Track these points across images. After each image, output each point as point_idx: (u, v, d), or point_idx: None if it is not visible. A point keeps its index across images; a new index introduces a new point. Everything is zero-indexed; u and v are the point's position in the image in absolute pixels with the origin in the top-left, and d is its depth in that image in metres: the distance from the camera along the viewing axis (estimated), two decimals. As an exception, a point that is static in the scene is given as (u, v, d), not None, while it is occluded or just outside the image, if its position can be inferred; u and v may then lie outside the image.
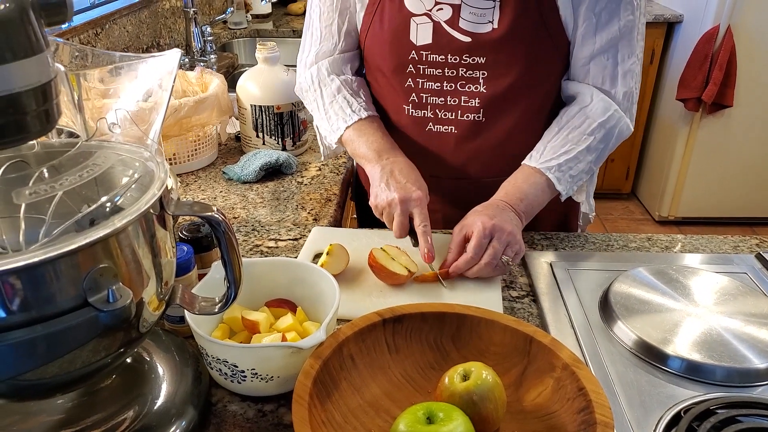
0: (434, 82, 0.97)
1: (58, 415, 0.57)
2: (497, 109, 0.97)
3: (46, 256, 0.42)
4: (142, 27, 1.83)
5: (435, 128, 1.00)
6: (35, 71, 0.43)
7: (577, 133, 0.93)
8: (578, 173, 0.93)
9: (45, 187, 0.44)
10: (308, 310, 0.73)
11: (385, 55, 0.99)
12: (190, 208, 0.54)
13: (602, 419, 0.54)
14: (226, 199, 1.12)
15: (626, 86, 0.94)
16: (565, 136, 0.93)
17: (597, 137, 0.93)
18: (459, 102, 0.97)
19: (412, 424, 0.54)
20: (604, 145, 0.94)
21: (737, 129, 2.80)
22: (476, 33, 0.92)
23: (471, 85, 0.95)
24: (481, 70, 0.94)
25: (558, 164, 0.91)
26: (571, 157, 0.92)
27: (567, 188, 0.93)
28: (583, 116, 0.93)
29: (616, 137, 0.95)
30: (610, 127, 0.93)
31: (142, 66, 0.57)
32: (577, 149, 0.92)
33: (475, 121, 0.98)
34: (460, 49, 0.93)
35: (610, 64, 0.92)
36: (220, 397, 0.67)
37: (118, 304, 0.46)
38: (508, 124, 0.98)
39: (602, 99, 0.93)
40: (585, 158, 0.93)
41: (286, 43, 2.47)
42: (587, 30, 0.91)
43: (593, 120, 0.93)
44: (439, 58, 0.95)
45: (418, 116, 1.01)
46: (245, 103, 1.25)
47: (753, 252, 0.95)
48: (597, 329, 0.76)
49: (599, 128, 0.93)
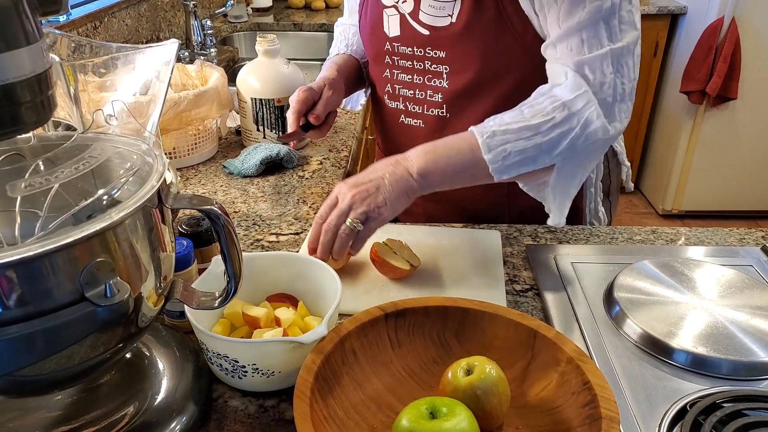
0: (406, 74, 0.99)
1: (57, 411, 0.57)
2: (460, 106, 0.96)
3: (42, 249, 0.41)
4: (142, 20, 1.82)
5: (406, 121, 1.03)
6: (29, 61, 0.42)
7: (535, 110, 0.81)
8: (516, 151, 0.79)
9: (41, 179, 0.43)
10: (310, 304, 0.73)
11: (367, 45, 1.05)
12: (188, 202, 0.53)
13: (607, 413, 0.54)
14: (226, 194, 1.11)
15: (598, 74, 0.81)
16: (520, 110, 0.82)
17: (557, 117, 0.80)
18: (425, 96, 0.98)
19: (415, 419, 0.53)
20: (562, 132, 0.80)
21: (742, 121, 2.78)
22: (434, 26, 0.92)
23: (436, 80, 0.96)
24: (444, 64, 0.94)
25: (494, 131, 0.80)
26: (513, 128, 0.80)
27: (495, 160, 0.80)
28: (551, 93, 0.82)
29: (581, 125, 0.80)
30: (575, 110, 0.80)
31: (139, 57, 0.56)
32: (522, 123, 0.80)
33: (440, 117, 0.98)
34: (423, 42, 0.94)
35: (570, 51, 0.82)
36: (221, 393, 0.66)
37: (115, 299, 0.45)
38: (472, 121, 0.89)
39: (573, 77, 0.81)
40: (532, 138, 0.79)
41: (287, 37, 2.46)
42: (552, 17, 0.83)
43: (558, 98, 0.81)
44: (407, 50, 0.97)
45: (392, 107, 1.04)
46: (245, 96, 1.24)
47: (759, 244, 0.94)
48: (601, 323, 0.76)
49: (562, 107, 0.80)
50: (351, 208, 0.77)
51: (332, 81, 1.04)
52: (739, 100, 2.70)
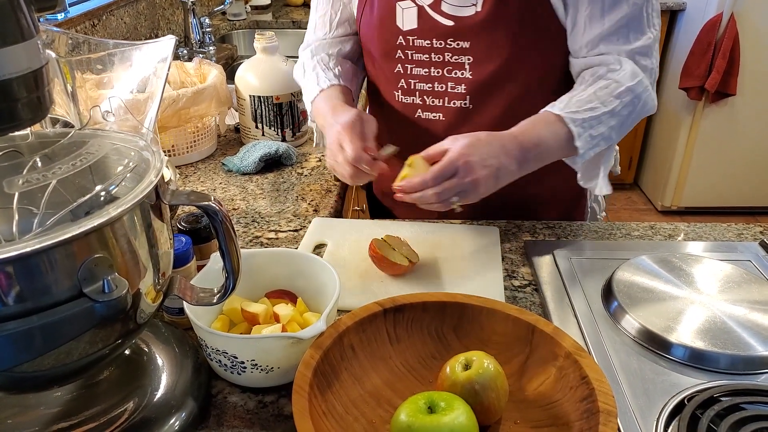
0: (422, 68, 0.96)
1: (56, 407, 0.57)
2: (484, 96, 0.95)
3: (40, 245, 0.41)
4: (140, 18, 1.81)
5: (424, 115, 1.00)
6: (25, 57, 0.42)
7: (605, 93, 0.86)
8: (598, 135, 0.86)
9: (38, 175, 0.43)
10: (309, 301, 0.73)
11: (374, 41, 0.99)
12: (186, 198, 0.53)
13: (605, 407, 0.54)
14: (225, 191, 1.11)
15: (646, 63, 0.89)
16: (593, 93, 0.86)
17: (624, 101, 0.86)
18: (446, 88, 0.96)
19: (414, 413, 0.54)
20: (628, 113, 0.87)
21: (740, 118, 2.78)
22: (459, 16, 0.90)
23: (457, 71, 0.94)
24: (467, 55, 0.92)
25: (582, 119, 0.84)
26: (595, 115, 0.85)
27: (585, 147, 0.85)
28: (611, 79, 0.87)
29: (641, 108, 0.89)
30: (638, 94, 0.87)
31: (136, 54, 0.56)
32: (602, 109, 0.85)
33: (462, 108, 0.96)
34: (444, 33, 0.92)
35: (621, 43, 0.88)
36: (220, 389, 0.66)
37: (113, 295, 0.45)
38: (496, 111, 0.95)
39: (631, 64, 0.88)
40: (608, 121, 0.86)
41: (286, 34, 2.46)
42: (593, 12, 0.87)
43: (621, 83, 0.86)
44: (424, 43, 0.94)
45: (407, 103, 1.00)
46: (244, 93, 1.24)
47: (757, 239, 0.94)
48: (600, 318, 0.76)
49: (627, 92, 0.86)
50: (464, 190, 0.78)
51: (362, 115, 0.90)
52: (738, 96, 2.69)
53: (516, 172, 0.83)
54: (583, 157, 0.86)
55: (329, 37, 1.07)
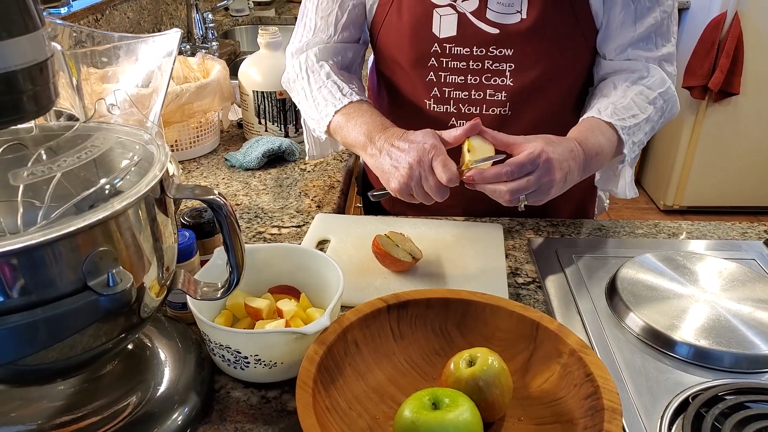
0: (458, 76, 0.93)
1: (59, 401, 0.57)
2: (524, 102, 0.93)
3: (45, 238, 0.41)
4: (143, 13, 1.81)
5: (459, 123, 0.95)
6: (30, 49, 0.42)
7: (641, 100, 0.88)
8: (638, 141, 0.87)
9: (43, 168, 0.43)
10: (312, 296, 0.73)
11: (404, 48, 0.94)
12: (191, 192, 0.53)
13: (610, 405, 0.54)
14: (228, 186, 1.11)
15: (669, 70, 0.92)
16: (631, 100, 0.88)
17: (657, 107, 0.89)
18: (484, 96, 0.94)
19: (418, 409, 0.53)
20: (658, 118, 0.90)
21: (744, 117, 2.77)
22: (504, 24, 0.88)
23: (497, 78, 0.92)
24: (509, 62, 0.91)
25: (628, 126, 0.85)
26: (637, 122, 0.86)
27: (629, 154, 0.87)
28: (643, 85, 0.90)
29: (669, 112, 0.92)
30: (667, 99, 0.90)
31: (141, 47, 0.56)
32: (642, 116, 0.87)
33: (501, 115, 0.94)
34: (487, 41, 0.90)
35: (649, 49, 0.90)
36: (223, 384, 0.66)
37: (118, 288, 0.45)
38: (535, 117, 0.94)
39: (660, 71, 0.91)
40: (644, 128, 0.88)
41: (289, 30, 2.44)
42: (626, 18, 0.88)
43: (653, 90, 0.89)
44: (464, 51, 0.91)
45: (440, 111, 0.96)
46: (247, 89, 1.24)
47: (761, 238, 0.94)
48: (604, 316, 0.75)
49: (659, 98, 0.89)
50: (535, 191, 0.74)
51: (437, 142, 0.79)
52: (741, 95, 2.69)
53: (577, 179, 0.81)
54: (623, 163, 0.89)
55: (333, 41, 0.99)
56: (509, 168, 0.73)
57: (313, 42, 0.99)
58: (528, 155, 0.74)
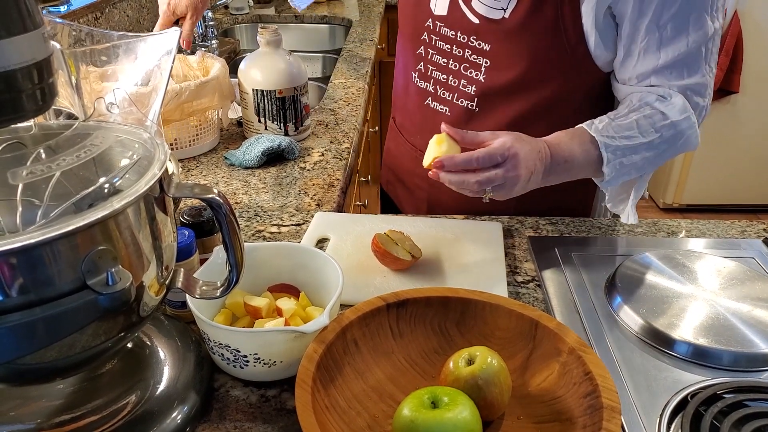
0: (441, 57, 0.96)
1: (58, 400, 0.57)
2: (492, 103, 0.94)
3: (44, 237, 0.41)
4: (143, 11, 1.81)
5: (432, 105, 1.00)
6: (29, 48, 0.42)
7: (647, 123, 0.84)
8: (629, 165, 0.84)
9: (42, 167, 0.43)
10: (311, 295, 0.73)
11: (407, 18, 1.01)
12: (190, 190, 0.53)
13: (609, 403, 0.54)
14: (228, 185, 1.11)
15: (699, 100, 0.87)
16: (634, 120, 0.84)
17: (664, 136, 0.84)
18: (458, 84, 0.95)
19: (417, 408, 0.54)
20: (666, 148, 0.86)
21: (743, 115, 2.77)
22: (485, 17, 0.89)
23: (473, 71, 0.93)
24: (485, 57, 0.91)
25: (616, 146, 0.82)
26: (631, 144, 0.83)
27: (612, 174, 0.84)
28: (657, 109, 0.85)
29: (682, 144, 0.87)
30: (681, 130, 0.85)
31: (141, 46, 0.56)
32: (640, 139, 0.83)
33: (468, 109, 0.96)
34: (469, 29, 0.91)
35: (674, 77, 0.86)
36: (223, 383, 0.66)
37: (117, 287, 0.45)
38: (501, 122, 0.93)
39: (682, 99, 0.86)
40: (643, 152, 0.84)
41: (288, 29, 2.45)
42: (649, 44, 0.84)
43: (667, 116, 0.84)
44: (450, 33, 0.94)
45: (421, 87, 1.01)
46: (247, 87, 1.24)
47: (760, 237, 0.94)
48: (603, 314, 0.76)
49: (670, 126, 0.84)
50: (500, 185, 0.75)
51: None
52: (740, 93, 2.69)
53: (541, 182, 0.82)
54: (609, 183, 0.85)
55: None
56: (480, 155, 0.74)
57: None
58: (497, 147, 0.74)
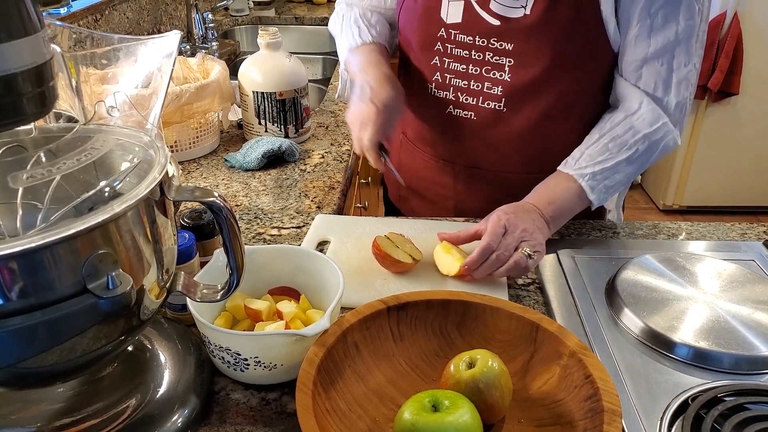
0: (460, 64, 0.94)
1: (59, 403, 0.57)
2: (520, 101, 0.93)
3: (44, 241, 0.41)
4: (143, 13, 1.81)
5: (455, 112, 0.98)
6: (30, 52, 0.42)
7: (618, 143, 0.88)
8: (614, 184, 0.88)
9: (42, 171, 0.43)
10: (312, 298, 0.72)
11: (415, 30, 0.98)
12: (190, 194, 0.53)
13: (610, 406, 0.54)
14: (228, 187, 1.11)
15: (680, 96, 0.88)
16: (605, 145, 0.88)
17: (639, 149, 0.88)
18: (482, 87, 0.94)
19: (418, 411, 0.53)
20: (647, 158, 0.89)
21: (743, 117, 2.77)
22: (506, 17, 0.88)
23: (496, 72, 0.92)
24: (508, 57, 0.90)
25: (593, 172, 0.87)
26: (608, 166, 0.87)
27: (600, 198, 0.88)
28: (628, 125, 0.88)
29: (661, 151, 0.90)
30: (655, 140, 0.88)
31: (141, 49, 0.56)
32: (615, 159, 0.87)
33: (496, 110, 0.94)
34: (489, 32, 0.90)
35: (664, 70, 0.87)
36: (223, 386, 0.66)
37: (117, 291, 0.45)
38: (530, 119, 0.93)
39: (652, 109, 0.88)
40: (624, 169, 0.88)
41: (289, 30, 2.45)
42: (641, 31, 0.85)
43: (638, 131, 0.88)
44: (467, 39, 0.92)
45: (440, 97, 0.98)
46: (247, 89, 1.24)
47: (761, 239, 0.94)
48: (603, 317, 0.76)
49: (643, 140, 0.88)
50: (522, 240, 0.80)
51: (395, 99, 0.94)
52: (740, 95, 2.69)
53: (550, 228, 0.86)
54: (598, 203, 0.89)
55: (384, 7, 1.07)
56: (485, 241, 0.79)
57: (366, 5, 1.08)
58: (492, 224, 0.81)
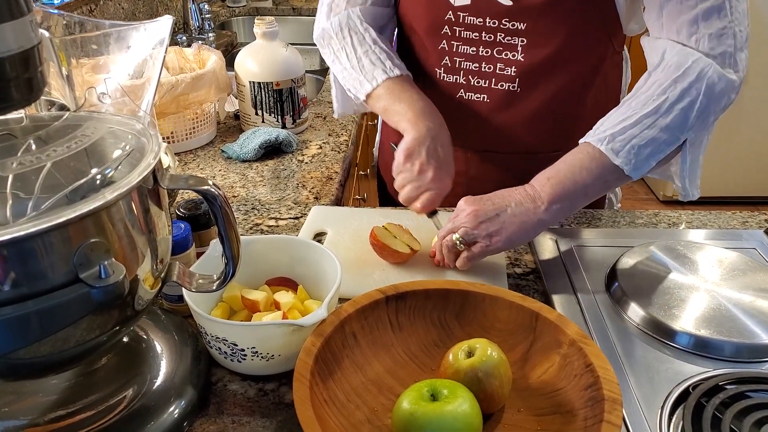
0: (469, 46, 0.92)
1: (53, 395, 0.56)
2: (534, 81, 0.91)
3: (34, 229, 0.40)
4: (138, 3, 1.79)
5: (467, 95, 0.95)
6: (16, 36, 0.41)
7: (642, 99, 0.78)
8: (645, 142, 0.76)
9: (32, 158, 0.42)
10: (309, 288, 0.72)
11: (419, 14, 0.94)
12: (185, 182, 0.52)
13: (610, 395, 0.53)
14: (225, 178, 1.10)
15: (712, 27, 0.77)
16: (628, 104, 0.79)
17: (670, 96, 0.76)
18: (494, 69, 0.92)
19: (416, 401, 0.53)
20: (689, 102, 0.76)
21: (744, 107, 2.76)
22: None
23: (508, 53, 0.90)
24: (521, 36, 0.88)
25: (612, 134, 0.76)
26: (631, 122, 0.76)
27: (630, 161, 0.76)
28: (652, 79, 0.79)
29: (706, 91, 0.77)
30: (690, 82, 0.76)
31: (133, 35, 0.55)
32: (638, 114, 0.76)
33: (510, 91, 0.92)
34: (500, 12, 0.87)
35: (685, 8, 0.77)
36: (220, 377, 0.66)
37: (110, 280, 0.44)
38: (544, 98, 0.92)
39: (677, 53, 0.78)
40: (655, 122, 0.76)
41: (286, 21, 2.43)
42: None
43: (664, 80, 0.77)
44: (476, 21, 0.89)
45: (449, 81, 0.95)
46: (244, 79, 1.23)
47: (762, 227, 0.93)
48: (604, 306, 0.75)
49: (672, 86, 0.77)
50: (462, 225, 0.78)
51: None
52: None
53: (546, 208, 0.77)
54: (636, 171, 0.77)
55: (370, 2, 0.99)
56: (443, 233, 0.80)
57: (344, 3, 0.98)
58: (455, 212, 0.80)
